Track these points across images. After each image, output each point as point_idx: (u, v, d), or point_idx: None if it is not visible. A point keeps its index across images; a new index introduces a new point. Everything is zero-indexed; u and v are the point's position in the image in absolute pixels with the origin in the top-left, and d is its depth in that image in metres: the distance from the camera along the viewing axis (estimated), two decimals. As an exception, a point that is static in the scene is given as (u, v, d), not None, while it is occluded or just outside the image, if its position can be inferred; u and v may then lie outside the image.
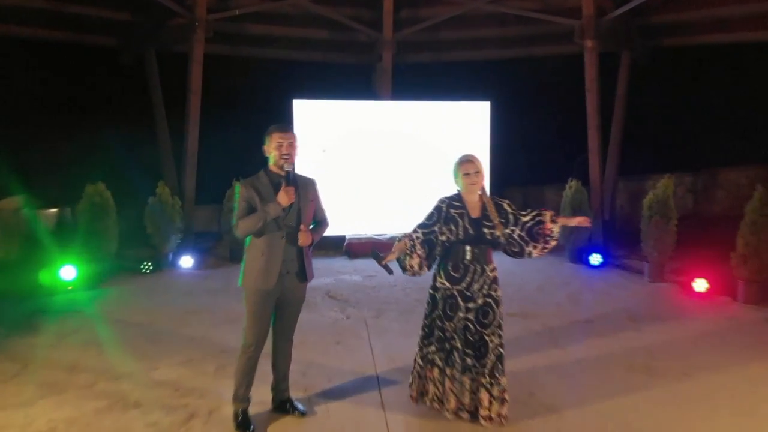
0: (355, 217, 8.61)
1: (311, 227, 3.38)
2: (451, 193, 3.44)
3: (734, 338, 4.92)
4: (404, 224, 8.17)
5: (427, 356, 3.42)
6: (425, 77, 10.80)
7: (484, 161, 3.37)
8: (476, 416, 3.30)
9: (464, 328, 3.28)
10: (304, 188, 3.32)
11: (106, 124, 9.73)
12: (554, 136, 11.24)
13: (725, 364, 4.34)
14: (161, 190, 7.48)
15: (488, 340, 3.28)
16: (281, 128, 3.27)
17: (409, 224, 3.53)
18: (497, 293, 3.34)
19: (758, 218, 5.86)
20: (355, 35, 9.87)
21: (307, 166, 8.36)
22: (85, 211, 6.82)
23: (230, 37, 9.37)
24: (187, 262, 7.49)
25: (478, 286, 3.29)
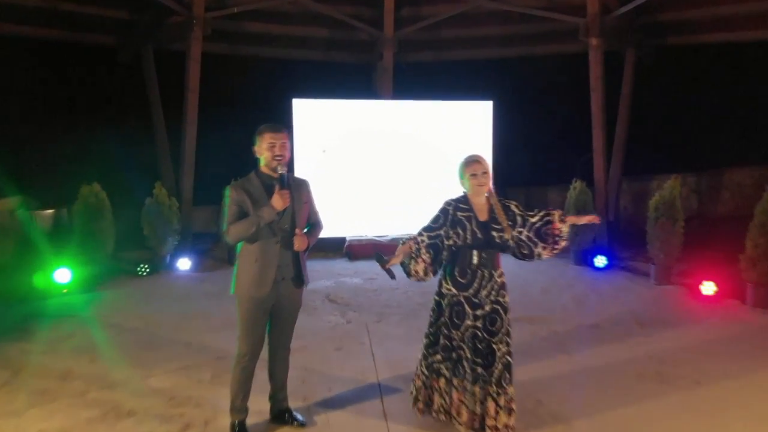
0: (355, 218, 8.49)
1: (305, 230, 3.23)
2: (457, 195, 3.30)
3: (745, 343, 4.80)
4: (405, 225, 8.22)
5: (432, 365, 3.29)
6: (427, 76, 10.68)
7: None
8: (483, 426, 3.17)
9: (473, 336, 3.15)
10: (297, 190, 3.18)
11: (102, 123, 9.63)
12: (557, 136, 11.12)
13: (737, 370, 4.22)
14: (158, 190, 7.38)
15: (496, 348, 3.15)
16: (273, 128, 3.10)
17: (410, 225, 3.42)
18: (505, 299, 3.22)
19: (767, 220, 5.74)
20: (355, 34, 9.76)
21: (307, 166, 8.28)
22: (80, 212, 6.74)
23: (229, 35, 9.26)
24: (184, 264, 7.37)
25: (485, 292, 3.16)
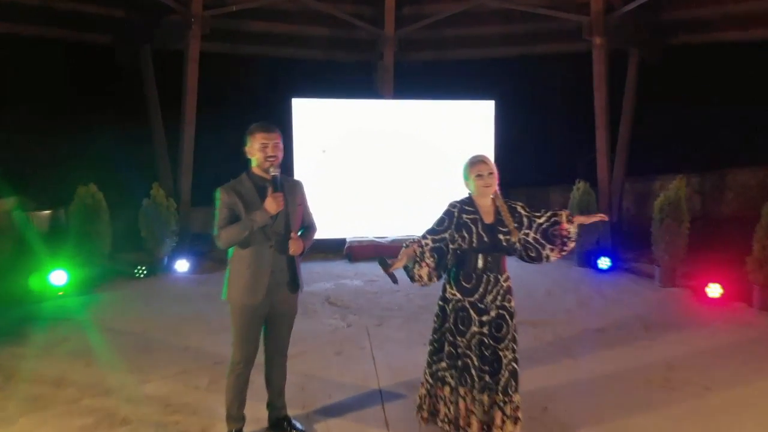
0: (355, 218, 8.36)
1: (300, 233, 3.12)
2: (461, 196, 3.20)
3: (753, 348, 4.69)
4: (406, 226, 8.13)
5: (437, 373, 3.17)
6: (428, 75, 10.58)
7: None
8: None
9: (479, 343, 3.04)
10: (291, 192, 3.06)
11: (100, 123, 9.53)
12: (560, 136, 11.03)
13: (746, 375, 4.12)
14: (156, 191, 7.27)
15: (502, 355, 3.04)
16: (265, 128, 2.99)
17: (411, 226, 3.32)
18: (511, 305, 3.11)
19: (775, 221, 5.65)
20: (356, 32, 9.65)
21: (306, 166, 8.18)
22: (76, 213, 6.62)
23: (228, 34, 9.16)
24: (182, 266, 7.27)
25: (491, 297, 3.06)
